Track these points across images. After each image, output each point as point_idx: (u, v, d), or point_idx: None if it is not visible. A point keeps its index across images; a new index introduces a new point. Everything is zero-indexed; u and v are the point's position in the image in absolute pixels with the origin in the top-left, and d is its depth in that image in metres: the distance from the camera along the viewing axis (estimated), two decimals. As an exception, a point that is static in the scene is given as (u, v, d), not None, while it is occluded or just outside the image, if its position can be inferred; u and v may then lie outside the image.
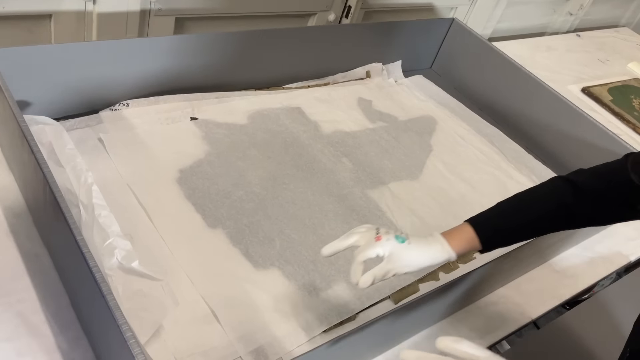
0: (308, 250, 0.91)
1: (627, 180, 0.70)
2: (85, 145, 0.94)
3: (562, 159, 1.32)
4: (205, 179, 0.97)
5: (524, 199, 0.77)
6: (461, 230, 0.75)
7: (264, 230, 0.92)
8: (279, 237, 0.92)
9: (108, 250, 0.70)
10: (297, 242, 0.92)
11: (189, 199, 0.92)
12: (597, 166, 0.76)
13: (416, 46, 1.48)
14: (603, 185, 0.72)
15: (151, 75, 1.04)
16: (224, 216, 0.92)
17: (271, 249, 0.89)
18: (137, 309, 0.68)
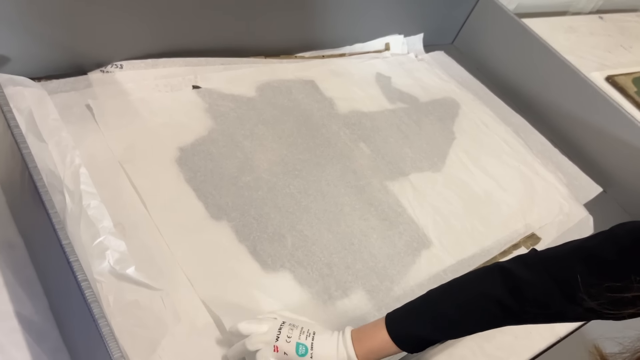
0: (322, 250, 0.81)
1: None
2: (71, 112, 0.81)
3: (590, 155, 1.22)
4: (208, 160, 0.85)
5: (455, 306, 0.60)
6: (379, 337, 0.60)
7: (273, 225, 0.81)
8: (290, 234, 0.81)
9: (98, 251, 0.59)
10: (310, 240, 0.81)
11: (189, 182, 0.81)
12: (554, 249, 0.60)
13: (439, 19, 1.35)
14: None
15: (150, 33, 0.90)
16: (229, 206, 0.80)
17: (282, 248, 0.79)
18: (130, 324, 0.57)
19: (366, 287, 0.79)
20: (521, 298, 0.56)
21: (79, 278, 0.48)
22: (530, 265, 0.58)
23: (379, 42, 1.26)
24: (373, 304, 0.77)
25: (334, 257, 0.81)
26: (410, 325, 0.60)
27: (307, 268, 0.77)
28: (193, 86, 0.95)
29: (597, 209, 1.10)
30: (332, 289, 0.76)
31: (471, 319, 0.59)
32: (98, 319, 0.46)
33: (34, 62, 0.81)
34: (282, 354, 0.58)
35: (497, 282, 0.58)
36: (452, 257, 0.88)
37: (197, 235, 0.74)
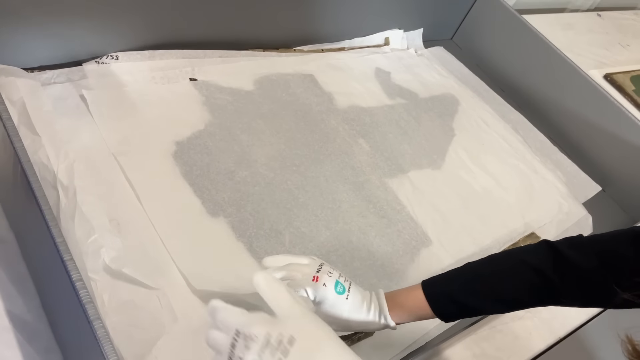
0: (320, 248, 0.79)
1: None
2: (65, 104, 0.79)
3: (588, 154, 1.21)
4: (204, 154, 0.83)
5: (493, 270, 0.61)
6: (412, 295, 0.61)
7: (270, 221, 0.79)
8: (288, 230, 0.79)
9: (93, 249, 0.57)
10: (307, 237, 0.80)
11: (185, 177, 0.79)
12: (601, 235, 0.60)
13: (438, 14, 1.33)
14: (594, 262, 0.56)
15: (146, 23, 0.88)
16: (225, 201, 0.79)
17: (279, 245, 0.77)
18: (125, 323, 0.55)
19: (364, 286, 0.77)
20: (564, 275, 0.56)
21: (74, 278, 0.46)
22: (578, 246, 0.57)
23: (378, 36, 1.24)
24: (372, 303, 0.76)
25: (332, 255, 0.79)
26: (446, 285, 0.61)
27: (305, 266, 0.76)
28: (190, 79, 0.93)
29: (596, 208, 1.10)
30: (330, 288, 0.75)
31: (508, 283, 0.59)
32: (93, 320, 0.45)
33: (27, 51, 0.79)
34: (320, 285, 0.57)
35: (541, 254, 0.58)
36: (450, 256, 0.87)
37: (193, 232, 0.73)
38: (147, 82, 0.89)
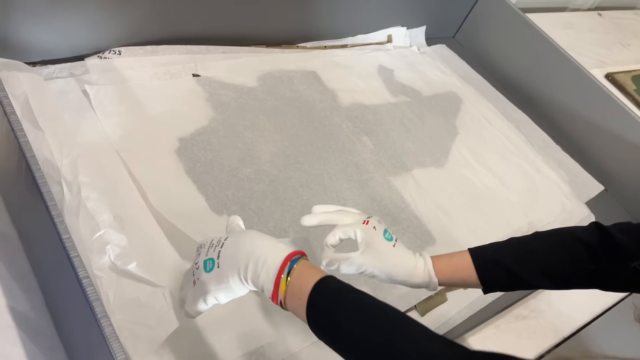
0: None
1: None
2: (67, 99, 0.78)
3: (591, 153, 1.21)
4: (208, 151, 0.82)
5: (542, 243, 0.62)
6: (457, 258, 0.62)
7: (274, 219, 0.79)
8: (292, 229, 0.79)
9: (98, 246, 0.56)
10: (312, 235, 0.79)
11: (189, 174, 0.78)
12: None
13: (441, 12, 1.33)
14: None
15: (149, 19, 0.87)
16: (229, 199, 0.78)
17: (284, 243, 0.76)
18: (131, 322, 0.55)
19: (369, 284, 0.77)
20: (611, 253, 0.56)
21: (81, 275, 0.46)
22: (626, 230, 0.58)
23: (381, 33, 1.23)
24: (377, 302, 0.75)
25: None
26: (495, 252, 0.61)
27: (310, 264, 0.75)
28: (193, 74, 0.92)
29: (598, 207, 1.09)
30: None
31: (557, 256, 0.59)
32: (100, 318, 0.44)
33: (29, 45, 0.78)
34: (370, 228, 0.59)
35: (590, 232, 0.59)
36: (455, 254, 0.87)
37: (198, 230, 0.72)
38: (150, 77, 0.88)
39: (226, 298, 0.52)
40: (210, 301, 0.51)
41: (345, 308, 0.47)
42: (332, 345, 0.48)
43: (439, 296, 0.80)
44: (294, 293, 0.48)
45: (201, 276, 0.52)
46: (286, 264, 0.49)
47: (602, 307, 0.92)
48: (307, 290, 0.48)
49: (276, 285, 0.48)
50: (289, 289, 0.48)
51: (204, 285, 0.51)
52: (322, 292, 0.48)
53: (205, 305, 0.52)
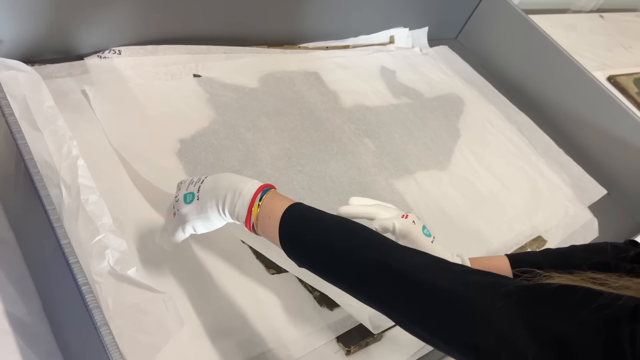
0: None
1: None
2: (66, 99, 0.77)
3: (594, 156, 1.20)
4: (209, 152, 0.81)
5: (579, 248, 0.65)
6: (495, 260, 0.64)
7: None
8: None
9: (97, 250, 0.55)
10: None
11: (190, 176, 0.77)
12: None
13: (444, 12, 1.32)
14: None
15: (150, 18, 0.86)
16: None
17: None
18: (131, 328, 0.54)
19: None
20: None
21: (80, 282, 0.44)
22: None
23: (383, 34, 1.22)
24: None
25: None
26: (530, 256, 0.65)
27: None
28: (194, 75, 0.91)
29: (601, 211, 1.09)
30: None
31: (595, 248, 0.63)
32: (100, 326, 0.43)
33: (28, 44, 0.76)
34: (409, 222, 0.62)
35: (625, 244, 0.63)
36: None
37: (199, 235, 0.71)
38: (150, 77, 0.87)
39: (204, 228, 0.57)
40: (188, 230, 0.57)
41: (313, 221, 0.53)
42: (302, 258, 0.52)
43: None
44: (264, 215, 0.53)
45: (181, 208, 0.57)
46: (259, 193, 0.54)
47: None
48: (278, 211, 0.52)
49: (249, 210, 0.53)
50: (260, 212, 0.53)
51: (184, 216, 0.56)
52: (291, 213, 0.52)
53: (184, 235, 0.57)
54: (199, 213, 0.56)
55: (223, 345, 0.62)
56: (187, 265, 0.67)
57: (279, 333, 0.66)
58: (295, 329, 0.67)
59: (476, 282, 0.44)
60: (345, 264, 0.49)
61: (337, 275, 0.51)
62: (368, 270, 0.47)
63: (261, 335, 0.65)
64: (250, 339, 0.64)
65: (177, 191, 0.59)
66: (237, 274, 0.69)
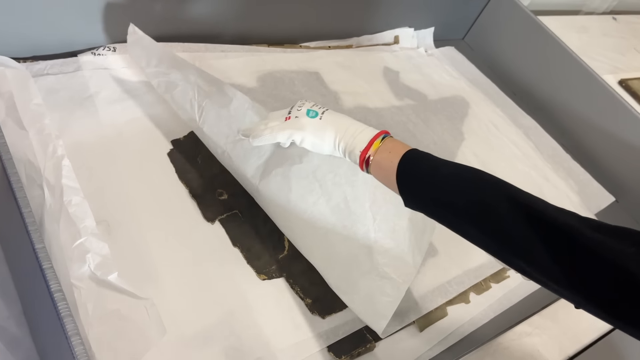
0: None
1: None
2: (57, 97, 0.75)
3: (602, 162, 1.17)
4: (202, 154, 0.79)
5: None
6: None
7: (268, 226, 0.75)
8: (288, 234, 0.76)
9: (78, 254, 0.53)
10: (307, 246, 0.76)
11: (181, 177, 0.75)
12: None
13: (451, 12, 1.29)
14: None
15: (146, 14, 0.84)
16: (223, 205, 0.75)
17: (278, 252, 0.73)
18: (110, 335, 0.52)
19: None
20: None
21: (52, 288, 0.43)
22: None
23: (387, 34, 1.20)
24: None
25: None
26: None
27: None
28: (190, 73, 0.89)
29: (609, 220, 1.05)
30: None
31: None
32: (71, 336, 0.41)
33: (19, 40, 0.75)
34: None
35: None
36: (457, 266, 0.83)
37: (187, 237, 0.69)
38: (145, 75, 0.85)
39: (310, 145, 0.61)
40: (297, 137, 0.61)
41: (435, 163, 0.53)
42: (416, 190, 0.53)
43: (438, 311, 0.76)
44: (385, 149, 0.55)
45: (302, 118, 0.61)
46: (381, 134, 0.57)
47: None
48: (400, 149, 0.54)
49: (370, 143, 0.56)
50: (382, 146, 0.56)
51: (301, 124, 0.60)
52: (413, 152, 0.54)
53: (286, 139, 0.61)
54: (316, 130, 0.60)
55: (209, 353, 0.60)
56: (175, 270, 0.65)
57: (267, 341, 0.64)
58: (284, 337, 0.65)
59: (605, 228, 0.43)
60: (465, 192, 0.49)
61: (451, 207, 0.50)
62: (492, 200, 0.47)
63: (249, 343, 0.63)
64: (237, 347, 0.62)
65: (296, 103, 0.64)
66: (227, 279, 0.67)
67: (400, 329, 0.72)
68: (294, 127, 0.61)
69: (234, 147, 0.69)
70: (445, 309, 0.77)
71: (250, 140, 0.64)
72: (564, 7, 1.87)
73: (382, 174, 0.56)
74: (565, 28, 1.71)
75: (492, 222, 0.47)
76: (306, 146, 0.61)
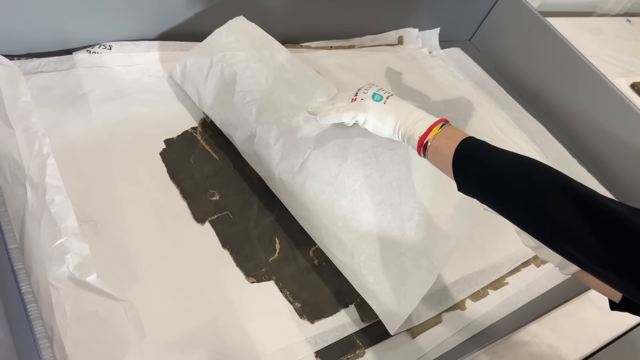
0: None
1: None
2: (50, 94, 0.75)
3: (609, 168, 1.14)
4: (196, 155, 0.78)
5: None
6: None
7: (259, 229, 0.74)
8: (279, 237, 0.74)
9: (57, 254, 0.52)
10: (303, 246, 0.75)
11: (173, 178, 0.74)
12: None
13: (457, 13, 1.27)
14: None
15: (144, 12, 0.84)
16: (214, 207, 0.74)
17: (268, 255, 0.72)
18: (88, 338, 0.51)
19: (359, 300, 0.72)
20: None
21: (23, 290, 0.42)
22: None
23: (391, 35, 1.18)
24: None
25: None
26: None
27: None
28: (187, 72, 0.88)
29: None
30: (321, 303, 0.70)
31: None
32: (39, 339, 0.40)
33: (13, 38, 0.75)
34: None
35: None
36: (457, 272, 0.82)
37: (176, 239, 0.68)
38: (142, 74, 0.84)
39: (372, 127, 0.64)
40: (360, 119, 0.64)
41: (491, 148, 0.55)
42: (472, 175, 0.55)
43: (433, 318, 0.74)
44: (444, 135, 0.58)
45: (367, 100, 0.64)
46: (441, 122, 0.60)
47: (612, 334, 0.86)
48: (459, 136, 0.56)
49: (430, 128, 0.59)
50: (441, 132, 0.58)
51: (366, 107, 0.64)
52: (471, 139, 0.56)
53: (350, 119, 0.65)
54: (379, 114, 0.63)
55: (192, 358, 0.59)
56: (162, 271, 0.64)
57: (253, 346, 0.63)
58: (271, 341, 0.64)
59: None
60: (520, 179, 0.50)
61: (505, 192, 0.52)
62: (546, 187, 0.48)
63: (234, 347, 0.62)
64: (222, 351, 0.61)
65: (364, 86, 0.67)
66: (215, 281, 0.66)
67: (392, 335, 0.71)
68: (358, 108, 0.64)
69: (297, 114, 0.72)
70: (440, 316, 0.76)
71: (317, 118, 0.68)
72: (577, 8, 1.83)
73: (438, 159, 0.58)
74: (578, 30, 1.68)
75: (544, 208, 0.48)
76: (368, 127, 0.64)
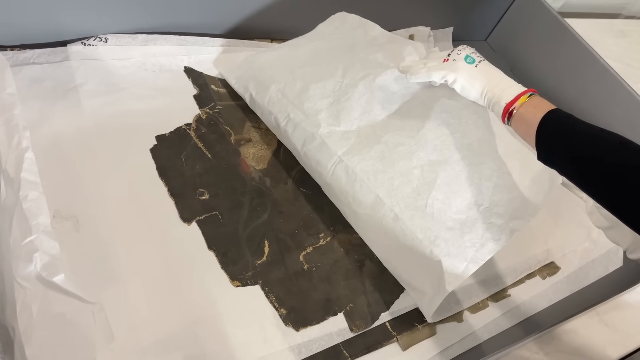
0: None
1: None
2: (41, 86, 0.73)
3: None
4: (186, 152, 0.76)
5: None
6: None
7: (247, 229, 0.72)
8: (269, 239, 0.72)
9: (26, 252, 0.51)
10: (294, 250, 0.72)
11: (161, 175, 0.72)
12: None
13: (473, 12, 1.22)
14: None
15: (142, 4, 0.82)
16: (202, 206, 0.72)
17: (256, 257, 0.70)
18: (53, 341, 0.49)
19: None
20: None
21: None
22: None
23: (401, 33, 1.14)
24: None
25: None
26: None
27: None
28: (185, 67, 0.86)
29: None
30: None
31: None
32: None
33: (6, 28, 0.74)
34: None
35: None
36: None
37: (161, 238, 0.66)
38: (137, 68, 0.83)
39: (461, 88, 0.65)
40: (450, 78, 0.65)
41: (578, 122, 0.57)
42: (554, 144, 0.56)
43: (426, 329, 0.71)
44: (531, 104, 0.59)
45: (459, 61, 0.65)
46: (529, 91, 0.61)
47: (620, 353, 0.82)
48: (546, 106, 0.58)
49: (518, 96, 0.60)
50: (528, 101, 0.60)
51: (457, 68, 0.65)
52: (558, 111, 0.58)
53: (440, 78, 0.66)
54: (469, 77, 0.64)
55: (168, 362, 0.57)
56: (143, 271, 0.62)
57: (233, 353, 0.61)
58: (252, 348, 0.62)
59: None
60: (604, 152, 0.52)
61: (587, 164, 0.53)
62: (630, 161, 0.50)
63: (212, 354, 0.60)
64: (198, 357, 0.59)
65: (458, 48, 0.67)
66: (197, 283, 0.64)
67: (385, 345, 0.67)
68: (449, 68, 0.65)
69: (384, 72, 0.74)
70: (434, 327, 0.72)
71: (408, 77, 0.69)
72: (602, 9, 1.77)
73: (523, 127, 0.59)
74: (602, 32, 1.62)
75: (625, 182, 0.49)
76: (456, 88, 0.65)
